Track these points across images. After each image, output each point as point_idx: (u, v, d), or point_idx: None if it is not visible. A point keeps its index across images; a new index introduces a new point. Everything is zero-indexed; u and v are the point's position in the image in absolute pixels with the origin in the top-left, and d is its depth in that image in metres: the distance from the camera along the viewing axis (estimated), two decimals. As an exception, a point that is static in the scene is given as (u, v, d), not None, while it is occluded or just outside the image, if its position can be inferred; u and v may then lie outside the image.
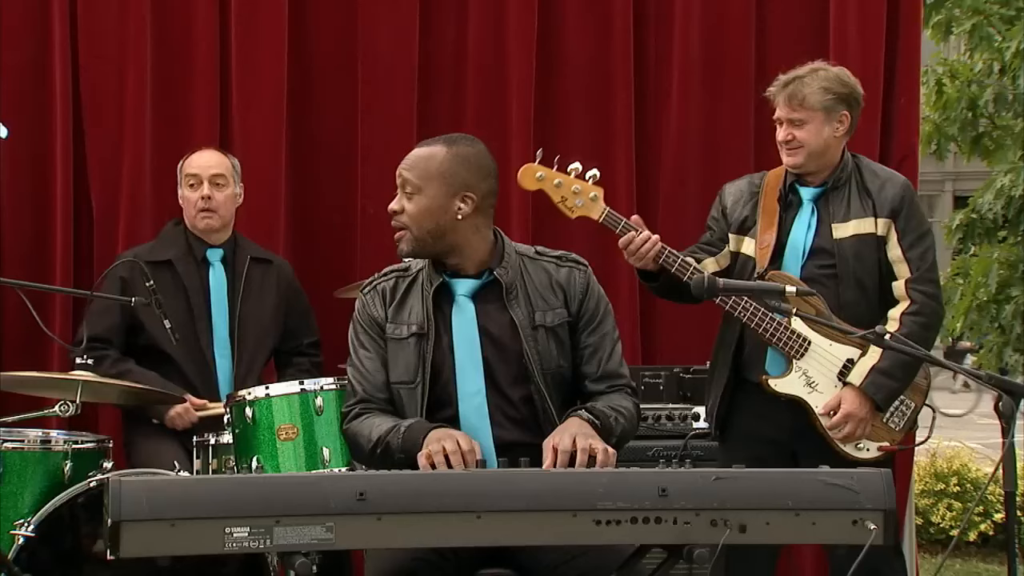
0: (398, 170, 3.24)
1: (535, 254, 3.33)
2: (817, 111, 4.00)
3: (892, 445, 3.99)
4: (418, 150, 3.26)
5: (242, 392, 4.01)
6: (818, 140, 4.01)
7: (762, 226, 4.05)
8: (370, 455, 3.20)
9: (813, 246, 4.02)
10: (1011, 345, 7.63)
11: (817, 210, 4.04)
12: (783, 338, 3.95)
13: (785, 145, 4.03)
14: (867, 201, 4.01)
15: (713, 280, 3.44)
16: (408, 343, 3.22)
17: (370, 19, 5.04)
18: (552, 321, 3.25)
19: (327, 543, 2.57)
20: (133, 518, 2.52)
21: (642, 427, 4.46)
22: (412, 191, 3.20)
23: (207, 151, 4.56)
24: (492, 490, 2.65)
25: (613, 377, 3.30)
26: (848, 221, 4.01)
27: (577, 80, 5.16)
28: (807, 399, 3.96)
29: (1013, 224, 7.74)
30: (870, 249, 4.00)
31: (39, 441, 3.97)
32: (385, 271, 3.35)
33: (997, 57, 7.82)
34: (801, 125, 4.01)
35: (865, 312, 3.95)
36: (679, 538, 2.67)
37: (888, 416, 3.98)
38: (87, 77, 4.91)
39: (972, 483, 7.68)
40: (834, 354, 3.96)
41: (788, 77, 4.06)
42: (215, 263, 4.48)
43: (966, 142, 8.08)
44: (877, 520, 2.70)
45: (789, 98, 4.01)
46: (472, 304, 3.23)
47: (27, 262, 4.81)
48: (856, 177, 4.05)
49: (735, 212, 4.12)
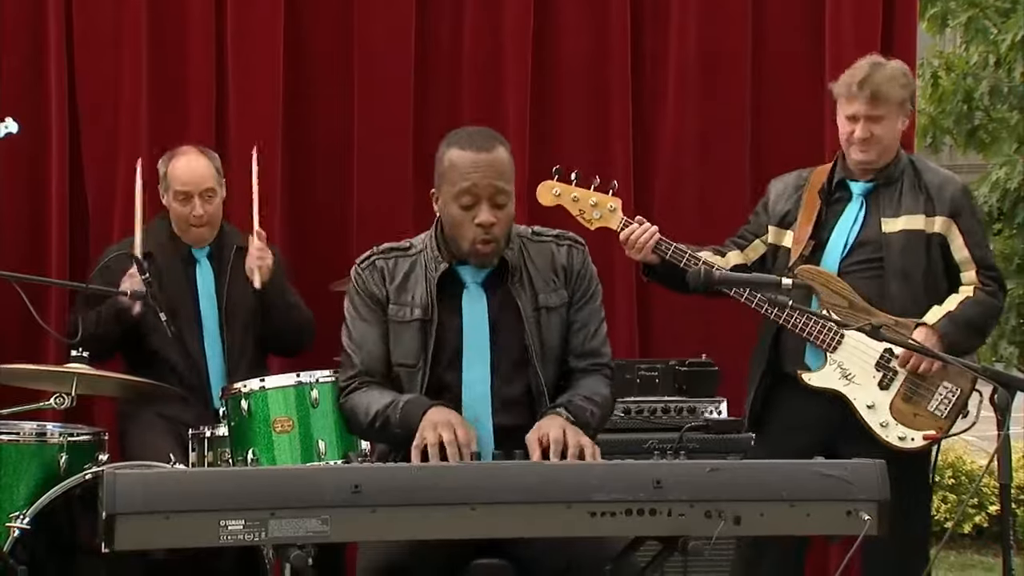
0: (482, 181, 3.09)
1: (533, 235, 3.32)
2: (894, 106, 3.99)
3: (937, 433, 3.92)
4: (490, 155, 3.12)
5: (237, 385, 4.01)
6: (892, 135, 4.01)
7: (801, 221, 4.05)
8: (368, 428, 3.19)
9: (859, 239, 4.01)
10: (1006, 338, 7.63)
11: (867, 204, 4.03)
12: (815, 331, 3.94)
13: (862, 142, 3.97)
14: (921, 198, 4.00)
15: (709, 272, 3.45)
16: (411, 327, 3.20)
17: (366, 16, 5.04)
18: (556, 302, 3.25)
19: (322, 536, 2.57)
20: (128, 511, 2.52)
21: (638, 419, 4.51)
22: (505, 200, 3.13)
23: (191, 157, 4.43)
24: (487, 483, 2.65)
25: (594, 355, 3.31)
26: (899, 216, 3.99)
27: (573, 79, 5.15)
28: (844, 392, 3.94)
29: (1009, 217, 7.74)
30: (919, 244, 3.98)
31: (34, 434, 3.97)
32: (383, 248, 3.30)
33: (993, 50, 7.81)
34: (879, 121, 3.97)
35: (910, 305, 3.94)
36: (674, 530, 2.68)
37: (934, 403, 3.93)
38: (83, 75, 4.91)
39: (967, 475, 7.69)
40: (870, 345, 3.91)
41: (863, 74, 3.98)
42: (202, 260, 4.46)
43: (962, 135, 8.07)
44: (871, 511, 2.70)
45: (873, 95, 3.94)
46: (484, 293, 3.22)
47: (23, 256, 4.80)
48: (911, 173, 4.04)
49: (777, 206, 4.13)
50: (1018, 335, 7.65)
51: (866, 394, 3.94)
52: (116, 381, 4.17)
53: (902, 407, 3.93)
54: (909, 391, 3.94)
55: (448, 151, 3.18)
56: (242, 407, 3.93)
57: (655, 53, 5.19)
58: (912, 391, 3.94)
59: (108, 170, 4.91)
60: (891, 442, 3.90)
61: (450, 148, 3.18)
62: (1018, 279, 7.42)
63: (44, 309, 4.60)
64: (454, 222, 3.16)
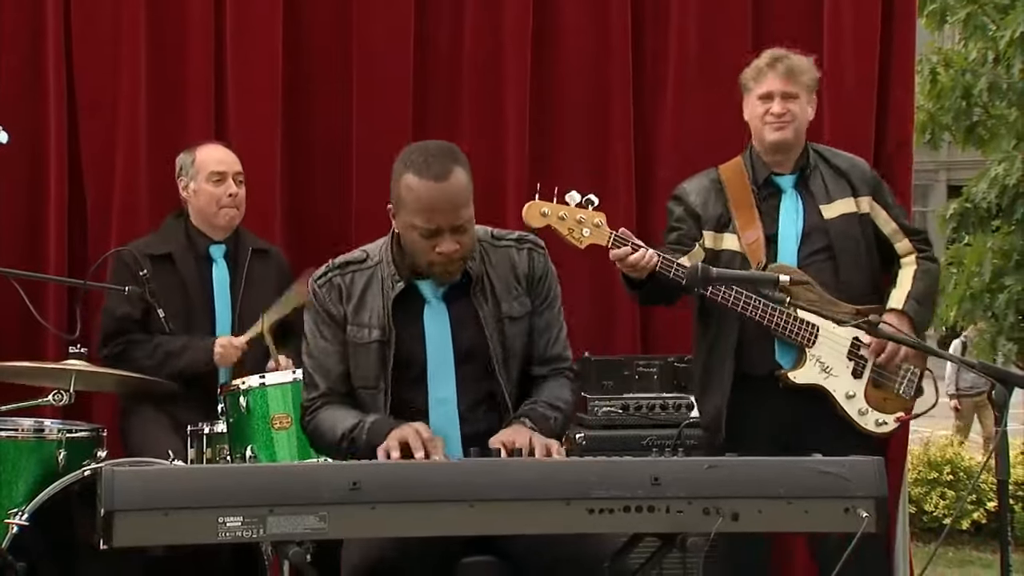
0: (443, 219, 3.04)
1: (492, 238, 3.27)
2: (805, 88, 4.08)
3: (907, 414, 4.04)
4: (448, 184, 3.04)
5: (236, 381, 4.01)
6: (805, 117, 4.09)
7: (742, 222, 4.05)
8: (335, 448, 3.16)
9: (805, 230, 4.05)
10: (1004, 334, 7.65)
11: (800, 195, 4.08)
12: (793, 328, 3.96)
13: (777, 119, 4.04)
14: (842, 181, 4.10)
15: (707, 269, 3.44)
16: (370, 348, 3.17)
17: (365, 14, 5.03)
18: (519, 311, 3.23)
19: (320, 532, 2.57)
20: (126, 508, 2.52)
21: (636, 416, 4.50)
22: (467, 225, 3.09)
23: (220, 147, 4.53)
24: (485, 479, 2.65)
25: (556, 360, 3.30)
26: (833, 202, 4.07)
27: (574, 78, 5.14)
28: (825, 385, 3.98)
29: (1007, 213, 7.75)
30: (855, 227, 4.07)
31: (33, 430, 3.97)
32: (339, 262, 3.25)
33: (991, 46, 7.82)
34: (794, 99, 4.05)
35: (863, 286, 4.02)
36: (672, 526, 2.68)
37: (900, 386, 4.03)
38: (82, 72, 4.90)
39: (965, 472, 7.71)
40: (840, 335, 3.99)
41: (774, 55, 4.10)
42: (218, 259, 4.46)
43: (960, 131, 8.08)
44: (869, 508, 2.71)
45: (788, 71, 4.04)
46: (445, 307, 3.19)
47: (22, 253, 4.79)
48: (822, 160, 4.13)
49: (707, 210, 4.12)
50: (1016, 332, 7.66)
51: (844, 385, 4.00)
52: (114, 377, 4.17)
53: (873, 393, 4.03)
54: (878, 376, 4.03)
55: (405, 175, 3.09)
56: (241, 404, 3.93)
57: (655, 53, 5.19)
58: (880, 376, 4.03)
59: (107, 167, 4.90)
60: (869, 428, 3.99)
61: (407, 172, 3.08)
62: (1016, 275, 7.43)
63: (43, 306, 4.60)
64: (414, 247, 3.12)
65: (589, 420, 4.45)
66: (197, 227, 4.47)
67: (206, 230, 4.46)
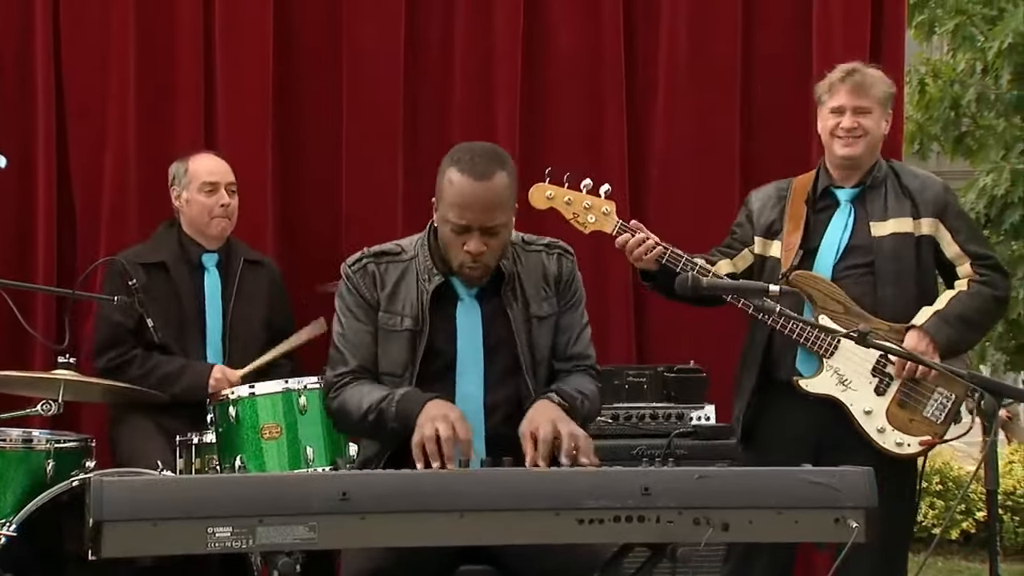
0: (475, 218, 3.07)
1: (523, 243, 3.32)
2: (878, 103, 4.04)
3: (934, 439, 3.94)
4: (488, 185, 3.08)
5: (225, 391, 4.00)
6: (878, 131, 4.06)
7: (788, 229, 4.07)
8: (359, 423, 3.16)
9: (849, 245, 4.03)
10: (993, 344, 7.66)
11: (854, 210, 4.06)
12: (811, 337, 3.94)
13: (848, 134, 4.01)
14: (906, 201, 4.04)
15: (696, 279, 3.45)
16: (401, 336, 3.19)
17: (355, 14, 5.03)
18: (546, 311, 3.26)
19: (310, 543, 2.57)
20: (115, 518, 2.51)
21: (626, 426, 4.50)
22: (499, 229, 3.12)
23: (212, 156, 4.53)
24: (475, 489, 2.65)
25: (579, 358, 3.32)
26: (887, 220, 4.02)
27: (565, 80, 5.14)
28: (840, 397, 3.94)
29: (995, 223, 7.76)
30: (908, 247, 4.01)
31: (21, 440, 3.95)
32: (374, 251, 3.28)
33: (980, 57, 7.84)
34: (866, 114, 4.02)
35: (902, 308, 3.97)
36: (662, 537, 2.68)
37: (929, 409, 3.94)
38: (70, 76, 4.89)
39: (954, 482, 7.73)
40: (867, 350, 3.87)
41: (847, 67, 4.06)
42: (210, 268, 4.45)
43: (949, 142, 8.11)
44: (859, 518, 2.70)
45: (857, 86, 4.01)
46: (478, 306, 3.22)
47: (9, 262, 4.77)
48: (892, 178, 4.08)
49: (762, 216, 4.14)
50: (1004, 341, 7.67)
51: (862, 400, 3.94)
52: (103, 387, 4.15)
53: (898, 413, 3.94)
54: (904, 397, 3.95)
55: (449, 169, 3.15)
56: (230, 414, 3.93)
57: (647, 55, 5.19)
58: (907, 397, 3.94)
59: (96, 171, 4.88)
60: (888, 448, 3.91)
61: (451, 166, 3.14)
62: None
63: (31, 315, 4.58)
64: (446, 241, 3.17)
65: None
66: (190, 236, 4.46)
67: (199, 239, 4.46)
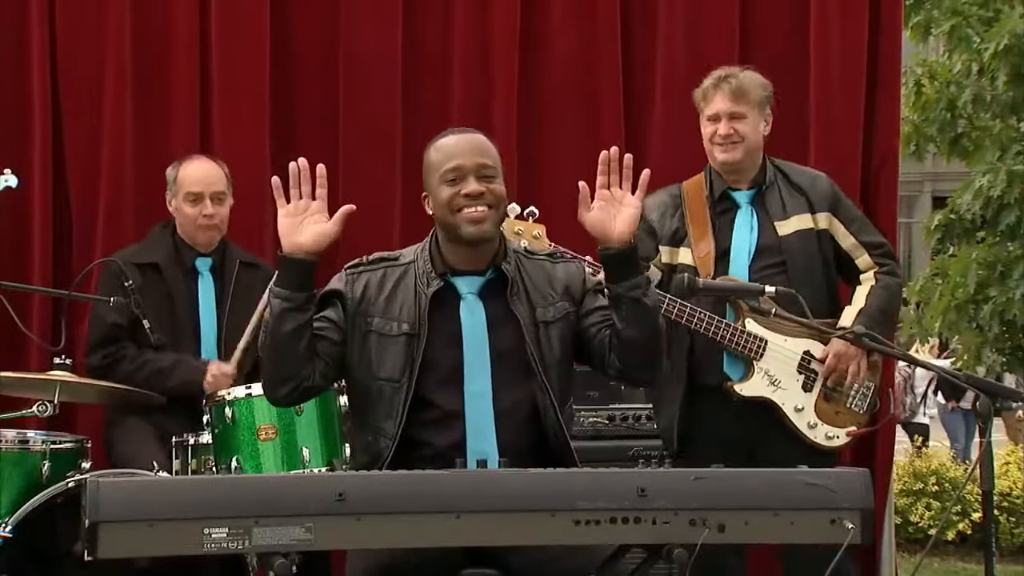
0: (467, 160, 3.11)
1: (526, 252, 3.32)
2: (755, 106, 4.08)
3: (859, 428, 4.05)
4: (470, 136, 3.18)
5: (222, 392, 4.00)
6: (756, 135, 4.09)
7: (696, 235, 4.08)
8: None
9: (759, 246, 4.07)
10: (989, 345, 7.66)
11: (755, 211, 4.09)
12: (740, 341, 3.97)
13: (725, 140, 4.06)
14: (800, 198, 4.10)
15: (693, 280, 3.46)
16: (398, 341, 3.16)
17: (352, 15, 5.03)
18: (554, 316, 3.22)
19: (306, 544, 2.56)
20: (111, 519, 2.51)
21: (621, 427, 4.51)
22: (492, 174, 3.14)
23: (203, 162, 4.47)
24: (471, 490, 2.65)
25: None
26: (788, 218, 4.08)
27: (563, 82, 5.14)
28: (773, 398, 4.00)
29: (991, 225, 7.75)
30: (811, 243, 4.08)
31: (17, 441, 3.95)
32: (373, 257, 3.27)
33: (976, 58, 7.83)
34: (742, 119, 4.06)
35: (817, 302, 3.98)
36: (658, 538, 2.67)
37: (851, 400, 4.05)
38: (66, 77, 4.89)
39: (950, 482, 7.73)
40: (791, 348, 4.02)
41: (720, 74, 4.11)
42: (204, 272, 4.44)
43: (945, 143, 8.10)
44: (855, 519, 2.71)
45: (733, 92, 4.06)
46: (481, 303, 3.18)
47: (5, 263, 4.78)
48: (781, 177, 4.14)
49: (664, 225, 4.14)
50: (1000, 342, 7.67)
51: (793, 398, 4.02)
52: (99, 388, 4.15)
53: (824, 407, 4.05)
54: (828, 391, 4.05)
55: (431, 146, 3.23)
56: (226, 414, 3.92)
57: (644, 57, 5.19)
58: (831, 390, 4.05)
59: (92, 171, 4.88)
60: (819, 442, 4.00)
61: (433, 143, 3.23)
62: (1001, 286, 7.44)
63: (27, 316, 4.59)
64: (444, 203, 3.14)
65: (574, 431, 4.43)
66: (184, 239, 4.45)
67: (192, 243, 4.45)
